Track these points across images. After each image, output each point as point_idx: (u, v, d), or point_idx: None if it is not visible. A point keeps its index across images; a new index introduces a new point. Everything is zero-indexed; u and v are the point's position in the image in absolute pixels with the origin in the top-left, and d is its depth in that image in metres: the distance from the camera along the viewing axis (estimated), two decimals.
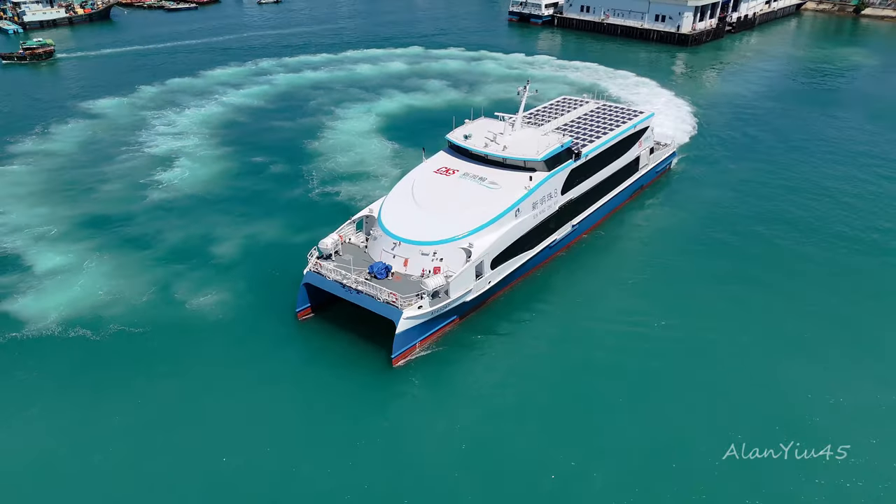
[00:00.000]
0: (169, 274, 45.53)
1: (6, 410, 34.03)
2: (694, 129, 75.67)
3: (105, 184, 59.56)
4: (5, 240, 49.41)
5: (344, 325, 40.66)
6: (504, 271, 42.22)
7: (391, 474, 30.84)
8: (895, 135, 75.59)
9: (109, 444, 32.01)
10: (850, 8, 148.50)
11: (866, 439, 33.75)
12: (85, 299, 42.40)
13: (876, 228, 53.62)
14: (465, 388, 37.03)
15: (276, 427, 33.40)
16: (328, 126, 74.76)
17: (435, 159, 47.13)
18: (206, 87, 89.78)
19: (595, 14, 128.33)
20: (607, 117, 56.49)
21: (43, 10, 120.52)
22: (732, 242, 51.58)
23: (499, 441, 32.74)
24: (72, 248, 48.21)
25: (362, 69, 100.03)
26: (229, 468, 30.95)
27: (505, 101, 73.36)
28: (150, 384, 35.72)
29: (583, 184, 49.07)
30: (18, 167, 62.58)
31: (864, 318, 42.70)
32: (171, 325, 40.31)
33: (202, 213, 54.54)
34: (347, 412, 34.44)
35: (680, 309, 43.02)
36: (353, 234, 43.56)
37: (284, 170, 63.30)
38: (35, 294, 42.86)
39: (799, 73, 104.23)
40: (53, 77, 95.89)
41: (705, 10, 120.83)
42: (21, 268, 45.77)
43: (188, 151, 66.90)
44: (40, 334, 39.28)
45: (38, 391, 35.27)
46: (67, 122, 74.95)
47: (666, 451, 32.77)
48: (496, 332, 41.01)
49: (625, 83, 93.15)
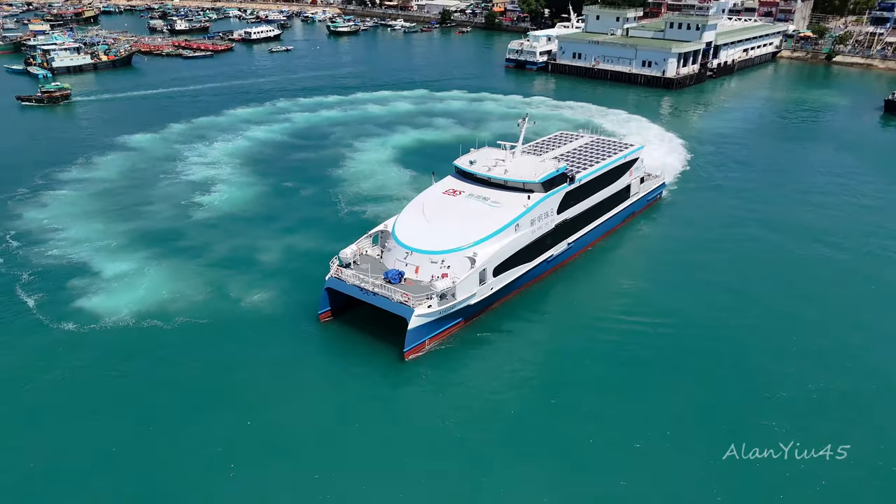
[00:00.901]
0: (218, 278, 51.03)
1: (99, 389, 39.11)
2: (684, 160, 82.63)
3: (151, 205, 65.47)
4: (71, 250, 54.93)
5: (361, 326, 45.26)
6: (505, 279, 46.66)
7: (402, 445, 35.00)
8: (865, 166, 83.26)
9: (170, 414, 37.18)
10: (822, 55, 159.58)
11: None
12: (150, 298, 47.80)
13: (837, 244, 60.32)
14: (469, 377, 41.38)
15: (305, 407, 37.72)
16: (348, 157, 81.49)
17: (443, 182, 52.37)
18: (230, 124, 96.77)
19: (586, 60, 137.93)
20: (600, 149, 62.14)
21: (70, 57, 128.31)
22: (720, 256, 57.11)
23: (495, 420, 36.79)
24: (131, 258, 53.75)
25: (373, 109, 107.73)
26: (264, 436, 35.38)
27: (507, 136, 79.62)
28: (206, 368, 40.92)
29: (576, 206, 54.01)
30: (69, 192, 68.43)
31: (864, 319, 46.25)
32: (222, 321, 45.62)
33: (241, 229, 60.33)
34: (366, 395, 38.84)
35: (674, 314, 47.18)
36: (369, 247, 48.34)
37: (313, 193, 69.61)
38: (106, 294, 48.23)
39: (777, 112, 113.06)
40: (84, 117, 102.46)
41: (688, 57, 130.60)
42: (90, 273, 51.18)
43: (223, 178, 73.18)
44: (116, 325, 44.56)
45: (115, 371, 40.45)
46: (107, 154, 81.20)
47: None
48: (498, 332, 45.32)
49: (617, 119, 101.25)
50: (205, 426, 36.04)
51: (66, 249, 55.18)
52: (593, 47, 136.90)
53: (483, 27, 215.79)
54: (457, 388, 40.30)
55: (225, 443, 34.84)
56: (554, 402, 38.44)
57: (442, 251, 44.17)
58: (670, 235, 62.56)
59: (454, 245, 44.42)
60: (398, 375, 40.88)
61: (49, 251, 54.88)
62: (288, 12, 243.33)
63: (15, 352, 42.08)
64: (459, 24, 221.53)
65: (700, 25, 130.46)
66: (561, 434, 35.98)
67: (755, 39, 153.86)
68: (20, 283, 49.77)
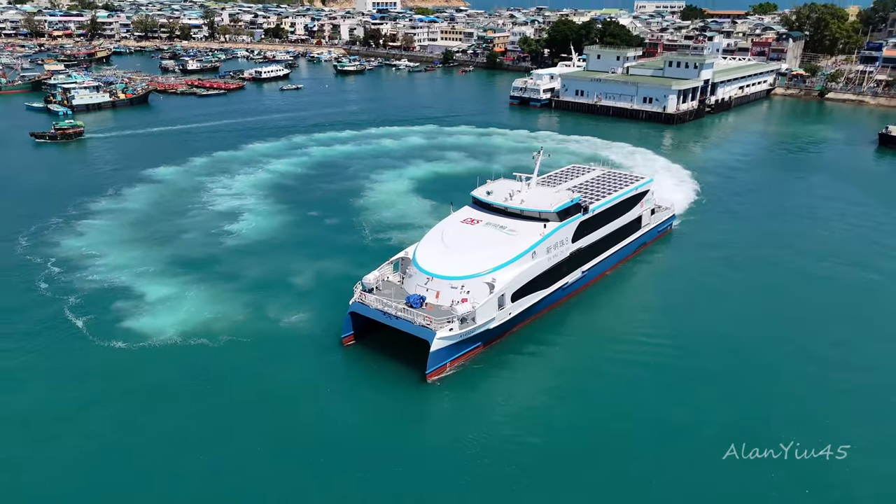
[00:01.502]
0: (255, 300, 53.26)
1: (153, 400, 41.03)
2: (691, 189, 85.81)
3: (183, 233, 67.96)
4: (111, 276, 57.18)
5: (383, 350, 46.64)
6: (523, 305, 47.97)
7: (424, 463, 36.29)
8: (861, 195, 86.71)
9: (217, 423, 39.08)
10: (815, 92, 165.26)
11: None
12: (194, 318, 49.98)
13: (835, 259, 63.18)
14: (489, 398, 42.61)
15: (330, 425, 39.25)
16: (368, 188, 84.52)
17: (461, 212, 54.17)
18: (249, 157, 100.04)
19: (589, 97, 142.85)
20: (612, 181, 64.41)
21: (90, 95, 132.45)
22: (729, 280, 59.13)
23: (512, 439, 38.09)
24: (171, 282, 56.01)
25: (386, 143, 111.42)
26: (292, 451, 37.08)
27: (518, 167, 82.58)
28: (241, 384, 43.19)
29: (590, 235, 55.77)
30: (103, 221, 70.98)
31: (863, 319, 48.66)
32: (262, 339, 47.90)
33: (271, 255, 62.75)
34: (390, 415, 40.29)
35: (682, 327, 49.88)
36: (390, 273, 50.08)
37: (337, 222, 72.29)
38: (151, 315, 50.39)
39: (776, 145, 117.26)
40: (106, 151, 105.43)
41: (687, 94, 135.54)
42: (133, 296, 53.38)
43: (249, 208, 75.92)
44: (165, 344, 46.66)
45: (167, 384, 42.42)
46: (135, 185, 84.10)
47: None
48: (516, 355, 46.81)
49: (622, 151, 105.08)
50: (250, 432, 37.98)
51: (107, 275, 57.43)
52: (595, 85, 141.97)
53: (485, 66, 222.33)
54: (477, 406, 41.51)
55: (266, 449, 36.90)
56: (570, 422, 39.59)
57: (462, 276, 45.75)
58: (680, 264, 64.38)
59: (474, 271, 45.97)
60: (421, 398, 42.13)
61: (90, 276, 57.14)
62: (294, 53, 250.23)
63: (67, 370, 44.05)
64: (462, 63, 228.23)
65: (698, 64, 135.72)
66: (575, 450, 37.16)
67: (750, 77, 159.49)
68: (67, 306, 51.88)
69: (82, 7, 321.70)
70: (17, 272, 58.43)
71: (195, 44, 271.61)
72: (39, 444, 37.19)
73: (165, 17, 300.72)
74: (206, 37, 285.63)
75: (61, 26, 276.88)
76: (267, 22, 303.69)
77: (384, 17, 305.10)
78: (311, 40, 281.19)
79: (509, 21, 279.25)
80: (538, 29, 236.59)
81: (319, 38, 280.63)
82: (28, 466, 35.59)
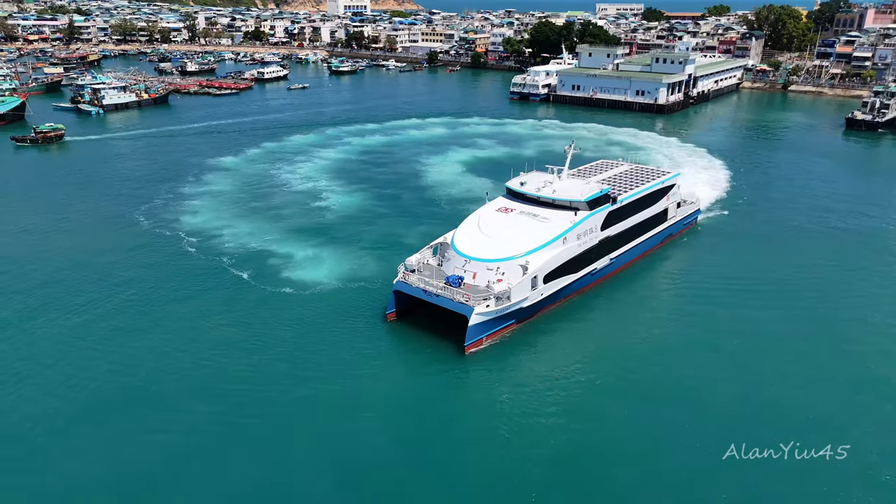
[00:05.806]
0: (382, 255, 62.52)
1: (314, 331, 50.38)
2: (720, 171, 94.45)
3: (283, 209, 76.52)
4: (247, 241, 65.71)
5: (424, 326, 49.87)
6: (554, 287, 50.74)
7: (465, 428, 38.88)
8: (826, 163, 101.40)
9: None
10: (779, 85, 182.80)
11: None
12: (337, 270, 59.24)
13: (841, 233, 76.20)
14: (523, 369, 45.26)
15: (376, 394, 41.86)
16: (422, 170, 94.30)
17: (496, 202, 57.24)
18: (297, 148, 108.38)
19: (584, 91, 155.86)
20: (639, 175, 66.83)
21: (118, 95, 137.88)
22: (749, 272, 60.09)
23: (542, 406, 40.45)
24: (304, 245, 64.77)
25: (414, 133, 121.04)
26: (343, 419, 39.37)
27: (549, 153, 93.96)
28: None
29: (618, 224, 57.97)
30: (204, 202, 78.68)
31: (864, 320, 49.50)
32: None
33: (375, 223, 72.04)
34: (431, 384, 43.49)
35: (696, 322, 50.87)
36: (430, 257, 53.58)
37: (413, 197, 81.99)
38: (302, 270, 59.26)
39: (759, 129, 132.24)
40: (174, 145, 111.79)
41: (674, 86, 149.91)
42: (279, 256, 62.10)
43: (326, 188, 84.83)
44: (326, 289, 55.86)
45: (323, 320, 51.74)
46: (208, 173, 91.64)
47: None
48: (547, 333, 49.37)
49: (627, 133, 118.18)
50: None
51: (242, 241, 65.87)
52: (590, 80, 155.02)
53: (469, 66, 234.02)
54: (513, 376, 44.39)
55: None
56: (593, 396, 41.63)
57: (497, 259, 48.96)
58: (704, 254, 65.35)
59: (509, 254, 49.13)
60: (460, 368, 44.97)
61: (228, 243, 65.42)
62: (279, 54, 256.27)
63: (249, 311, 52.41)
64: (447, 63, 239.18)
65: (683, 60, 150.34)
66: (593, 425, 38.74)
67: (724, 72, 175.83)
68: (226, 266, 60.24)
69: (53, 11, 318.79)
70: (160, 243, 66.12)
71: (177, 46, 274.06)
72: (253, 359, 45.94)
73: (143, 20, 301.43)
74: (186, 40, 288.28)
75: (36, 30, 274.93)
76: (245, 25, 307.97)
77: (363, 19, 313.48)
78: (291, 43, 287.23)
79: (485, 23, 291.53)
80: (517, 30, 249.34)
81: (301, 41, 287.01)
82: (246, 370, 44.33)
